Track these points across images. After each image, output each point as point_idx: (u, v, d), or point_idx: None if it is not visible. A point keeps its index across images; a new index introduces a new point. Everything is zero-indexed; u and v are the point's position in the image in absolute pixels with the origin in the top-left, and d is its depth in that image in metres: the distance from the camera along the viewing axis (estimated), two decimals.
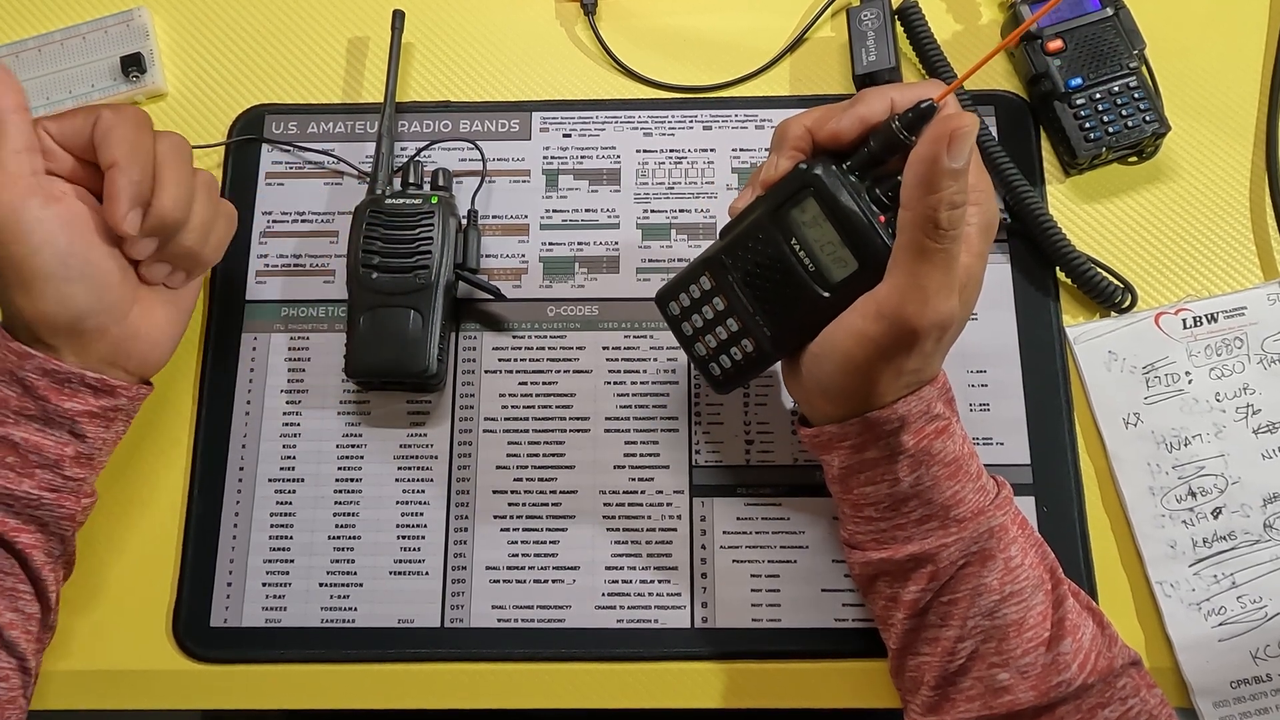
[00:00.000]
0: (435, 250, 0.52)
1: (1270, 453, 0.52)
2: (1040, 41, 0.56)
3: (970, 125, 0.38)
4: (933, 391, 0.43)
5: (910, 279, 0.40)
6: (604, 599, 0.51)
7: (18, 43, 0.60)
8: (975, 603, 0.43)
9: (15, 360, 0.44)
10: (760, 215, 0.43)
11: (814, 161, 0.42)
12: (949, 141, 0.38)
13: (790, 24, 0.61)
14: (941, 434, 0.43)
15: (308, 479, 0.53)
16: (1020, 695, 0.42)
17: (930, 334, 0.40)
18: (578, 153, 0.58)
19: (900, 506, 0.44)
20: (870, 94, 0.42)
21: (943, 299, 0.40)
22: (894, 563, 0.44)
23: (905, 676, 0.46)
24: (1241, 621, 0.50)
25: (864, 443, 0.43)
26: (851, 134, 0.42)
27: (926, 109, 0.40)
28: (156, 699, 0.50)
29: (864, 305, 0.41)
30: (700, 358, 0.47)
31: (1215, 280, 0.55)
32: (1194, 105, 0.58)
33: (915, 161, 0.39)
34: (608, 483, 0.53)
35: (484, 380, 0.55)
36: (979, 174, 0.43)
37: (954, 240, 0.39)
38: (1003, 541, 0.43)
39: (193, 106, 0.59)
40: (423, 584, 0.52)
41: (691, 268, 0.46)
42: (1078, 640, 0.42)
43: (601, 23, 0.60)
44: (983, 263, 0.43)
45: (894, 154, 0.41)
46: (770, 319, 0.44)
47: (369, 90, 0.60)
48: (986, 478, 0.44)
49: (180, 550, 0.52)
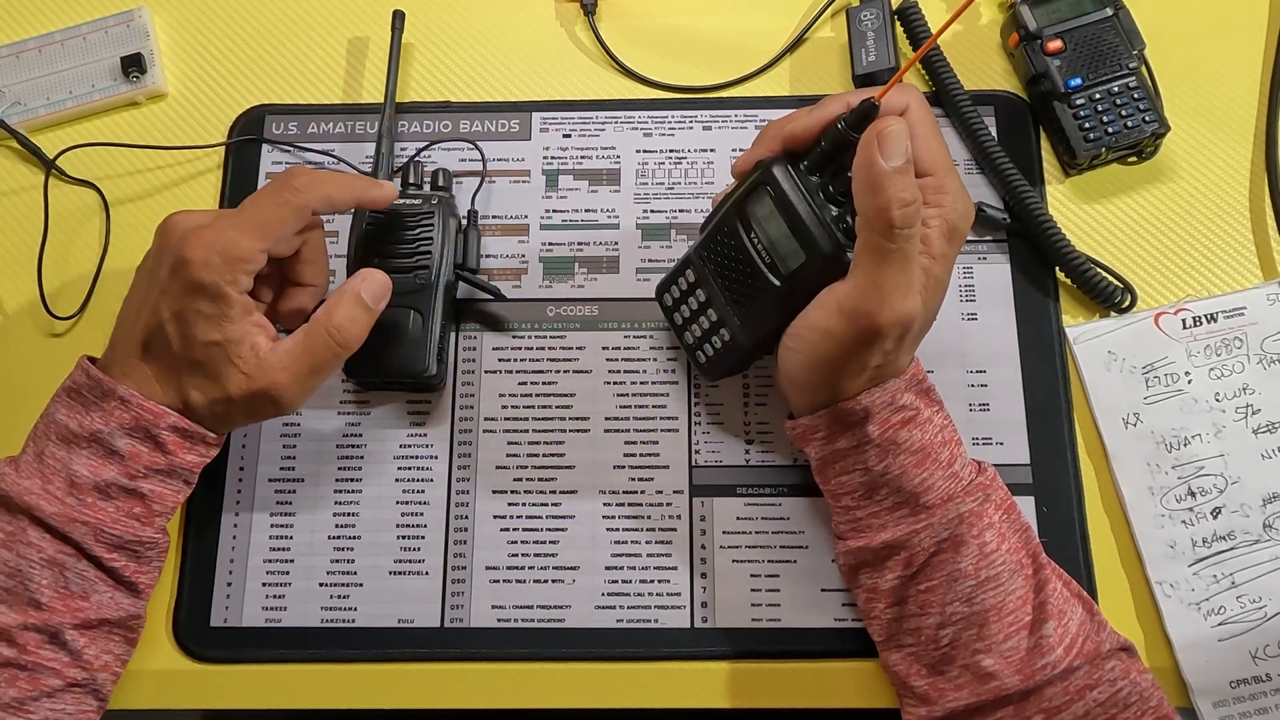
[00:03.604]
0: (435, 250, 0.52)
1: (1270, 453, 0.52)
2: (1040, 41, 0.56)
3: (896, 125, 0.40)
4: (898, 383, 0.44)
5: (868, 279, 0.41)
6: (604, 599, 0.52)
7: (18, 43, 0.60)
8: (952, 589, 0.43)
9: (151, 418, 0.45)
10: (728, 210, 0.46)
11: (772, 159, 0.45)
12: (879, 143, 0.40)
13: (790, 24, 0.61)
14: (908, 424, 0.44)
15: (308, 479, 0.53)
16: (1006, 680, 0.42)
17: (891, 332, 0.42)
18: (578, 153, 0.58)
19: (873, 494, 0.45)
20: (832, 98, 0.45)
21: (900, 298, 0.41)
22: (870, 550, 0.45)
23: (894, 670, 0.46)
24: (1241, 621, 0.50)
25: (833, 434, 0.45)
26: (809, 134, 0.45)
27: (867, 108, 0.42)
28: (156, 699, 0.51)
29: (828, 302, 0.43)
30: (689, 346, 0.50)
31: (1215, 280, 0.55)
32: (1194, 105, 0.58)
33: (856, 167, 0.41)
34: (608, 483, 0.53)
35: (484, 380, 0.55)
36: (947, 176, 0.44)
37: (909, 240, 0.41)
38: (976, 527, 0.44)
39: (193, 106, 0.59)
40: (423, 584, 0.52)
41: (680, 261, 0.50)
42: (1063, 624, 0.43)
43: (601, 23, 0.60)
44: (945, 264, 0.44)
45: (844, 152, 0.43)
46: (739, 309, 0.47)
47: (369, 90, 0.60)
48: (962, 465, 0.45)
49: (180, 550, 0.52)
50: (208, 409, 0.45)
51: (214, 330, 0.44)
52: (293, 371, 0.45)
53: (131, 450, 0.45)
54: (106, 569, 0.45)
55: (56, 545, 0.44)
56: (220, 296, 0.44)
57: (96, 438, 0.44)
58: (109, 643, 0.46)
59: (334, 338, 0.46)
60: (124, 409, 0.44)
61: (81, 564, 0.44)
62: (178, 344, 0.44)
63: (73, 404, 0.45)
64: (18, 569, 0.44)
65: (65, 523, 0.44)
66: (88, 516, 0.44)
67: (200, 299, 0.44)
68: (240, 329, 0.44)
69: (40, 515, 0.44)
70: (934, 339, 0.47)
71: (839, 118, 0.43)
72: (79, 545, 0.44)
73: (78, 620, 0.44)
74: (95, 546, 0.44)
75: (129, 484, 0.45)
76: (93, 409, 0.45)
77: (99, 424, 0.44)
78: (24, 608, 0.44)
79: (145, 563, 0.46)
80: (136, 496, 0.45)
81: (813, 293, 0.44)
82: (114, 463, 0.45)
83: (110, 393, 0.45)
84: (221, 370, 0.44)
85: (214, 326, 0.44)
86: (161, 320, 0.44)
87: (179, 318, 0.44)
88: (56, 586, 0.44)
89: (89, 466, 0.44)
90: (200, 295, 0.44)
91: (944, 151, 0.45)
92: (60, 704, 0.44)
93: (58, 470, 0.44)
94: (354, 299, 0.47)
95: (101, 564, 0.45)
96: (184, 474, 0.46)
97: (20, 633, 0.43)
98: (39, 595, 0.44)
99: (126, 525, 0.45)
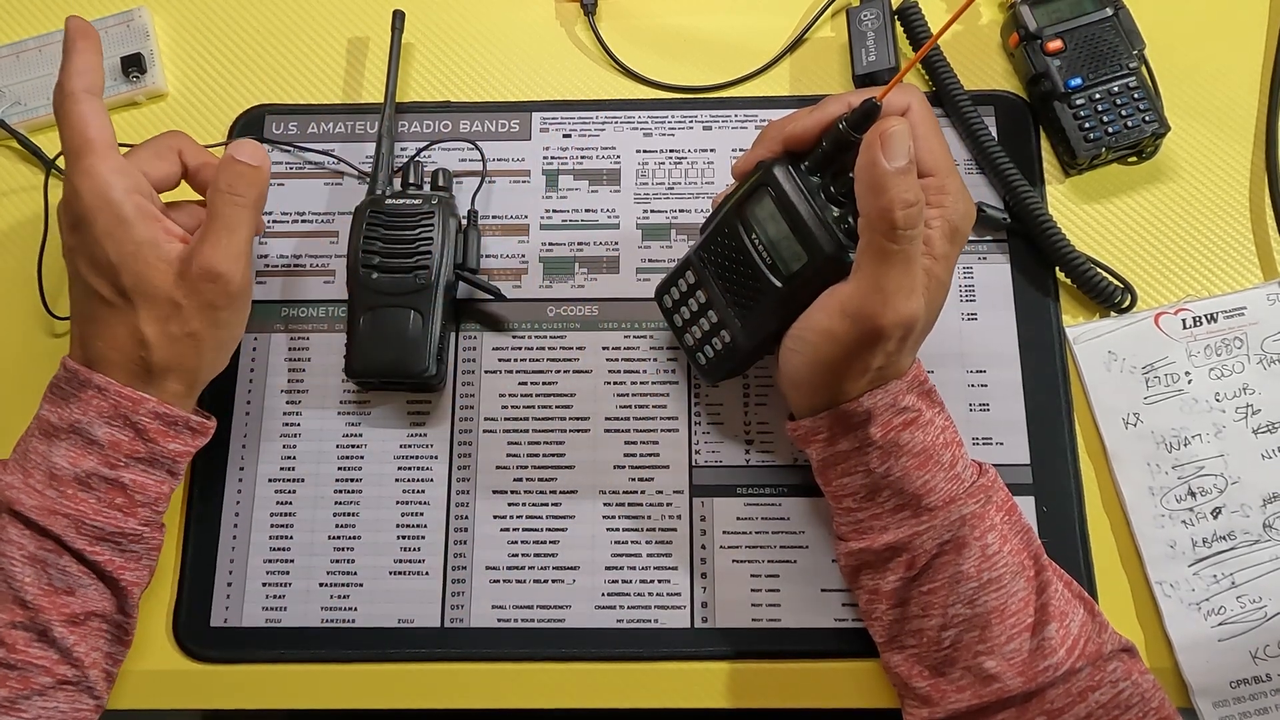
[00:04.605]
0: (435, 250, 0.52)
1: (1270, 453, 0.52)
2: (1040, 41, 0.56)
3: (898, 126, 0.40)
4: (900, 385, 0.44)
5: (871, 280, 0.41)
6: (604, 599, 0.51)
7: (18, 43, 0.60)
8: (954, 590, 0.43)
9: (129, 405, 0.45)
10: (728, 211, 0.46)
11: (773, 160, 0.44)
12: (882, 144, 0.39)
13: (790, 24, 0.61)
14: (910, 425, 0.44)
15: (308, 479, 0.53)
16: (1008, 682, 0.42)
17: (893, 333, 0.42)
18: (578, 153, 0.58)
19: (875, 496, 0.45)
20: (833, 98, 0.45)
21: (903, 299, 0.41)
22: (872, 552, 0.45)
23: (895, 672, 0.46)
24: (1241, 621, 0.50)
25: (835, 435, 0.45)
26: (810, 135, 0.44)
27: (869, 108, 0.42)
28: (156, 699, 0.50)
29: (830, 303, 0.43)
30: (689, 347, 0.50)
31: (1215, 280, 0.55)
32: (1194, 105, 0.58)
33: (859, 168, 0.41)
34: (608, 483, 0.53)
35: (484, 380, 0.55)
36: (949, 176, 0.44)
37: (911, 241, 0.40)
38: (978, 529, 0.44)
39: (193, 106, 0.59)
40: (423, 584, 0.52)
41: (680, 263, 0.49)
42: (1064, 626, 0.43)
43: (601, 23, 0.60)
44: (947, 265, 0.44)
45: (845, 152, 0.43)
46: (740, 310, 0.47)
47: (369, 90, 0.60)
48: (964, 466, 0.45)
49: (180, 550, 0.52)
50: (164, 332, 0.45)
51: (124, 241, 0.44)
52: (214, 242, 0.45)
53: (111, 439, 0.45)
54: (89, 563, 0.45)
55: (37, 542, 0.44)
56: (108, 204, 0.44)
57: (76, 428, 0.44)
58: (99, 639, 0.46)
59: (233, 195, 0.46)
60: (101, 397, 0.44)
61: (64, 559, 0.44)
62: (106, 283, 0.44)
63: (54, 399, 0.45)
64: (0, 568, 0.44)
65: (45, 515, 0.44)
66: (68, 508, 0.44)
67: (96, 221, 0.44)
68: (147, 230, 0.44)
69: (20, 509, 0.43)
70: (934, 339, 0.47)
71: (840, 118, 0.43)
72: (60, 539, 0.44)
73: (64, 616, 0.44)
74: (77, 540, 0.44)
75: (110, 474, 0.45)
76: (71, 400, 0.45)
77: (78, 414, 0.44)
78: (9, 606, 0.43)
79: (131, 558, 0.46)
80: (118, 486, 0.45)
81: (814, 294, 0.44)
82: (93, 452, 0.44)
83: (87, 382, 0.45)
84: (149, 277, 0.44)
85: (123, 238, 0.44)
86: (83, 273, 0.45)
87: (93, 259, 0.44)
88: (40, 583, 0.44)
89: (68, 457, 0.44)
90: (95, 219, 0.44)
91: (946, 152, 0.44)
92: (53, 702, 0.44)
93: (38, 464, 0.44)
94: (229, 161, 0.46)
95: (84, 558, 0.44)
96: (167, 463, 0.46)
97: (8, 631, 0.43)
98: (23, 593, 0.43)
99: (108, 516, 0.45)
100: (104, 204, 0.44)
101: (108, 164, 0.44)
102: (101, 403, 0.45)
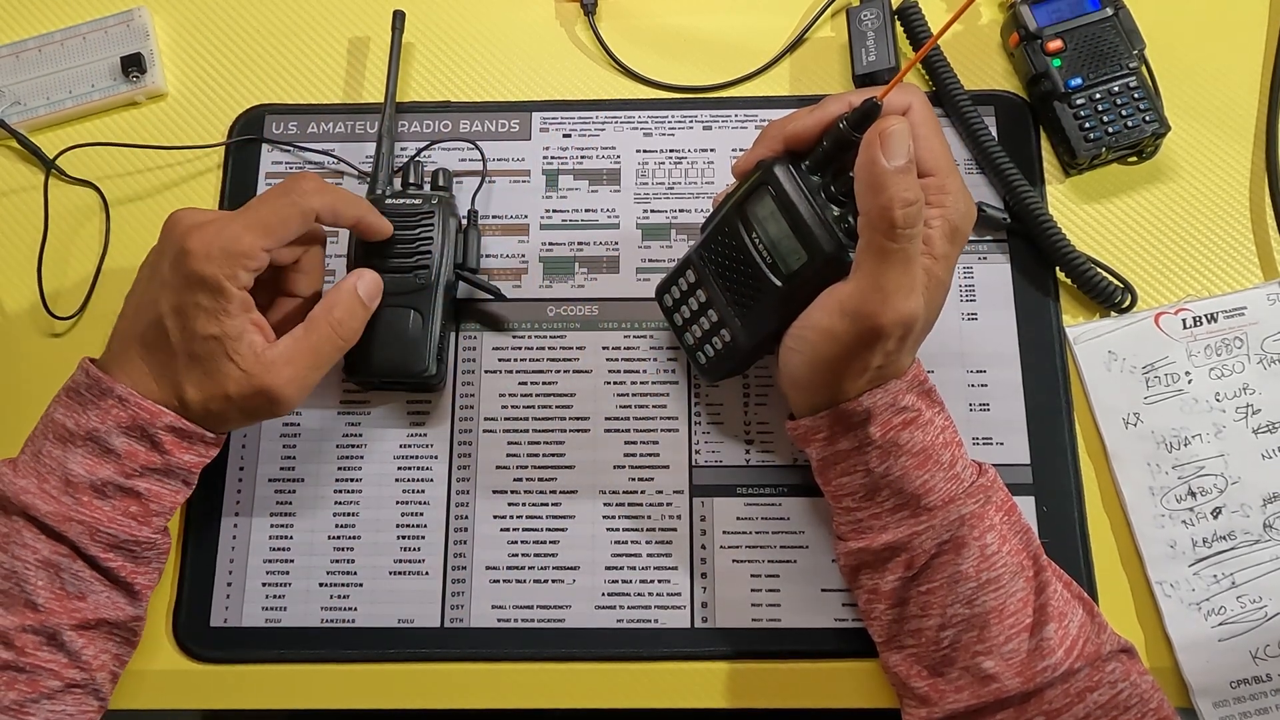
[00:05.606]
0: (435, 250, 0.52)
1: (1270, 453, 0.52)
2: (1040, 41, 0.56)
3: (899, 125, 0.40)
4: (900, 384, 0.44)
5: (871, 279, 0.41)
6: (604, 599, 0.51)
7: (18, 43, 0.60)
8: (953, 590, 0.43)
9: (148, 417, 0.45)
10: (729, 210, 0.46)
11: (774, 159, 0.44)
12: (881, 143, 0.40)
13: (790, 24, 0.61)
14: (909, 425, 0.44)
15: (308, 479, 0.53)
16: (1007, 682, 0.42)
17: (893, 332, 0.42)
18: (578, 153, 0.58)
19: (874, 496, 0.45)
20: (833, 97, 0.45)
21: (902, 298, 0.41)
22: (871, 552, 0.45)
23: (894, 672, 0.46)
24: (1241, 621, 0.50)
25: (835, 435, 0.45)
26: (811, 134, 0.44)
27: (870, 108, 0.42)
28: (156, 699, 0.50)
29: (830, 302, 0.43)
30: (689, 347, 0.50)
31: (1215, 280, 0.55)
32: (1194, 105, 0.58)
33: (859, 167, 0.41)
34: (608, 483, 0.53)
35: (484, 380, 0.55)
36: (949, 176, 0.44)
37: (911, 240, 0.40)
38: (977, 529, 0.44)
39: (193, 106, 0.59)
40: (423, 584, 0.52)
41: (680, 262, 0.49)
42: (1063, 626, 0.43)
43: (601, 23, 0.60)
44: (947, 264, 0.44)
45: (845, 152, 0.43)
46: (740, 310, 0.47)
47: (369, 90, 0.60)
48: (964, 466, 0.45)
49: (180, 550, 0.52)
50: (203, 407, 0.45)
51: (212, 324, 0.44)
52: (295, 367, 0.45)
53: (128, 449, 0.45)
54: (103, 569, 0.45)
55: (52, 546, 0.44)
56: (219, 290, 0.44)
57: (93, 436, 0.44)
58: (108, 643, 0.46)
59: (337, 331, 0.46)
60: (121, 408, 0.44)
61: (77, 564, 0.44)
62: (176, 338, 0.44)
63: (70, 403, 0.45)
64: (13, 570, 0.44)
65: (61, 521, 0.44)
66: (84, 515, 0.44)
67: (200, 292, 0.44)
68: (239, 324, 0.44)
69: (36, 514, 0.44)
70: (934, 339, 0.47)
71: (840, 117, 0.43)
72: (75, 545, 0.44)
73: (75, 621, 0.44)
74: (91, 546, 0.44)
75: (125, 483, 0.45)
76: (90, 408, 0.45)
77: (95, 422, 0.44)
78: (21, 609, 0.43)
79: (143, 564, 0.46)
80: (133, 496, 0.45)
81: (814, 293, 0.44)
82: (110, 461, 0.44)
83: (108, 391, 0.44)
84: (219, 366, 0.44)
85: (212, 320, 0.44)
86: (161, 314, 0.44)
87: (178, 311, 0.44)
88: (53, 588, 0.44)
89: (85, 465, 0.44)
90: (200, 288, 0.43)
91: (946, 151, 0.45)
92: (60, 705, 0.44)
93: (53, 469, 0.44)
94: (351, 294, 0.47)
95: (97, 564, 0.45)
96: (182, 474, 0.46)
97: (18, 634, 0.43)
98: (35, 597, 0.44)
99: (123, 525, 0.45)
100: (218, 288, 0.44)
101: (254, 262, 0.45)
102: (121, 413, 0.44)
